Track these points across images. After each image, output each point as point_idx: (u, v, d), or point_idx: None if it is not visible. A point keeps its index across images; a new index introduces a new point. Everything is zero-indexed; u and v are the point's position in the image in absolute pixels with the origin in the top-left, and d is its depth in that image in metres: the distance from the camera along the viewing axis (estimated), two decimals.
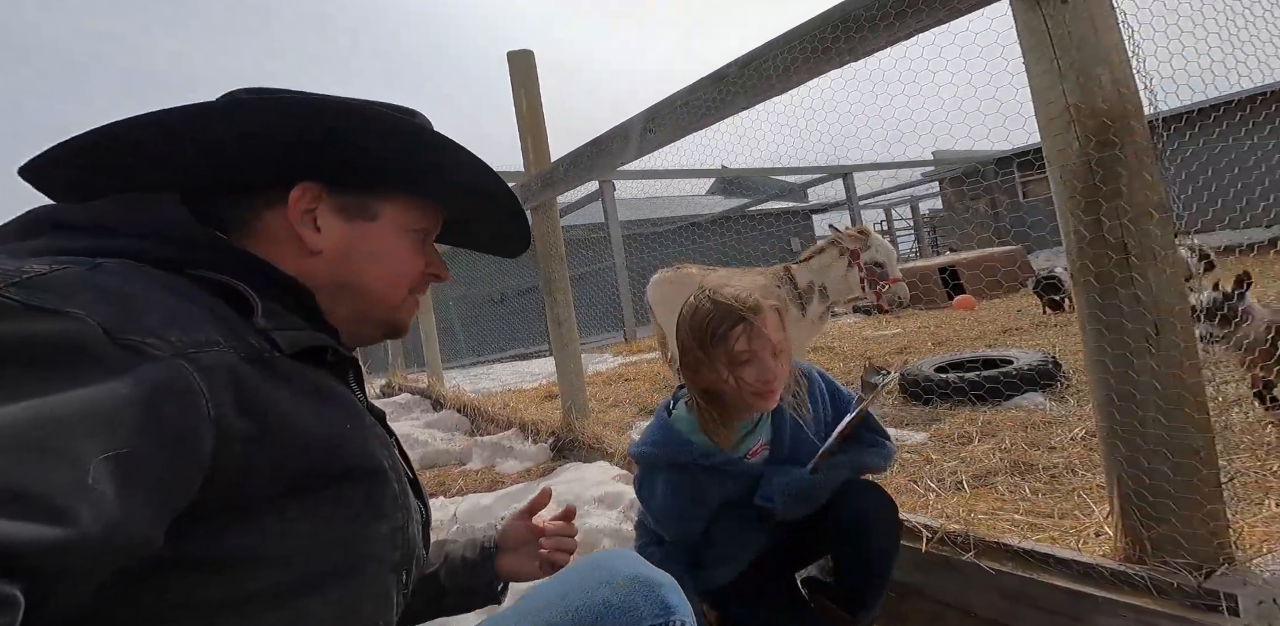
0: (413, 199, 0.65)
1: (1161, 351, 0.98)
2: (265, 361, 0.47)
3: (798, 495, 0.96)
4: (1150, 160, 0.98)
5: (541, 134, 2.76)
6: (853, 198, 10.08)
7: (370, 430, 0.56)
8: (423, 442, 3.13)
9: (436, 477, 2.71)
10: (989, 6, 1.04)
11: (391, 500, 0.55)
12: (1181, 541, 0.99)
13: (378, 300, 0.64)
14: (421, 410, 4.31)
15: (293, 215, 0.58)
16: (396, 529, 0.56)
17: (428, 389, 4.53)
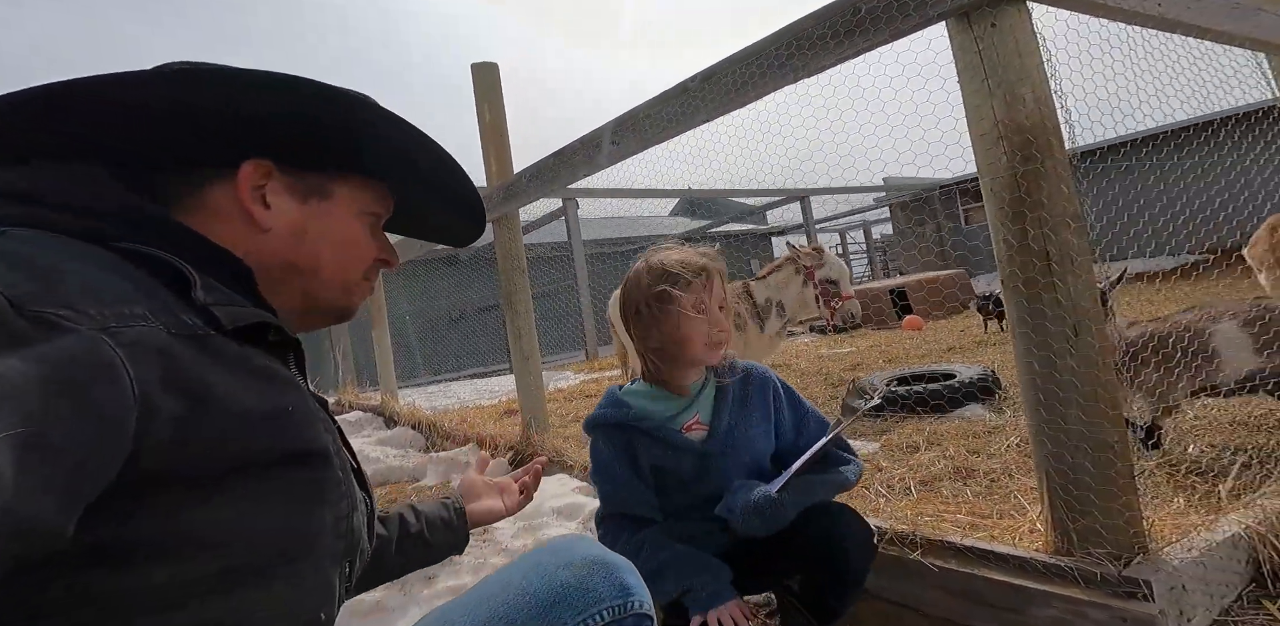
0: (366, 181, 0.64)
1: (1080, 352, 1.05)
2: (200, 338, 0.45)
3: (760, 513, 0.95)
4: (1067, 174, 1.07)
5: (504, 146, 2.78)
6: (809, 220, 10.44)
7: (314, 414, 0.54)
8: (375, 459, 3.02)
9: (388, 495, 2.61)
10: (928, 28, 1.13)
11: (335, 487, 0.53)
12: (1103, 532, 1.05)
13: (330, 282, 0.62)
14: (374, 427, 4.16)
15: (242, 191, 0.56)
16: (340, 517, 0.54)
17: (380, 406, 4.39)
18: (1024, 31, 1.05)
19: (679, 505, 1.08)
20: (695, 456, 1.05)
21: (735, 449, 1.07)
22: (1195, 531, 1.13)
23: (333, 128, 0.58)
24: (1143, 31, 1.35)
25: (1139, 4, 1.18)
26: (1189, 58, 1.54)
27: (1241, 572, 1.12)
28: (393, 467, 2.97)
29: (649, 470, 1.07)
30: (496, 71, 2.77)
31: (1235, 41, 1.50)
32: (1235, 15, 1.43)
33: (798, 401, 1.16)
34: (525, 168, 2.43)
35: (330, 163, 0.61)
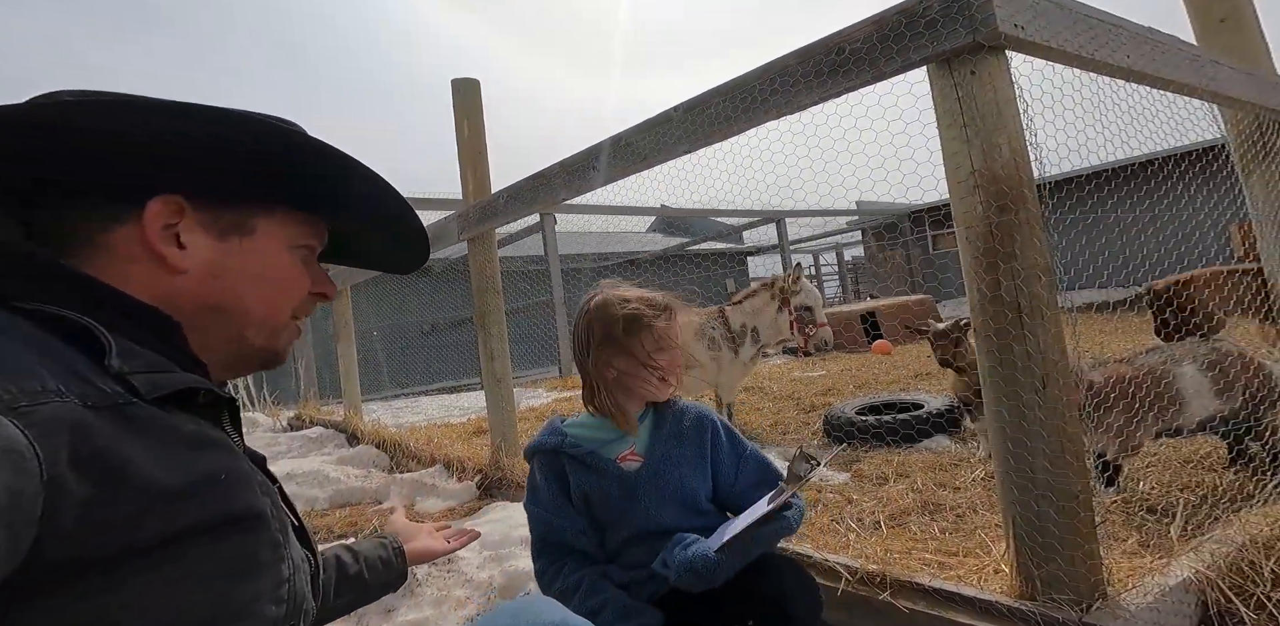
0: (294, 212, 0.61)
1: (1047, 403, 1.07)
2: (118, 408, 0.42)
3: (695, 573, 0.94)
4: (1039, 227, 1.10)
5: (483, 164, 2.76)
6: (785, 241, 10.61)
7: (249, 477, 0.51)
8: (334, 480, 2.90)
9: (348, 517, 2.50)
10: (910, 72, 1.15)
11: (273, 552, 0.50)
12: (1065, 578, 1.07)
13: (256, 324, 0.58)
14: (335, 445, 4.01)
15: (150, 231, 0.52)
16: (280, 582, 0.51)
17: (343, 422, 4.24)
18: (1003, 81, 1.08)
19: (615, 542, 1.07)
20: (625, 485, 1.06)
21: (664, 481, 1.07)
22: (1149, 575, 1.16)
23: (248, 158, 0.54)
24: (1106, 79, 1.41)
25: (1109, 55, 1.23)
26: (1146, 101, 1.62)
27: (1191, 616, 1.15)
28: (354, 488, 2.85)
29: (581, 499, 1.07)
30: (478, 88, 2.76)
31: (1194, 93, 1.57)
32: (1195, 67, 1.50)
33: (737, 441, 1.16)
34: (504, 188, 2.41)
35: (250, 196, 0.58)
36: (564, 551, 1.06)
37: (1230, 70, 1.64)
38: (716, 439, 1.14)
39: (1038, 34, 1.08)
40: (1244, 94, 1.69)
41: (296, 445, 4.03)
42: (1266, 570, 1.20)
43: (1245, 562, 1.21)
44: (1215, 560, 1.20)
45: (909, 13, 1.10)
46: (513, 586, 1.55)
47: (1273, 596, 1.15)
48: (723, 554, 0.95)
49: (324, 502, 2.75)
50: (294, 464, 3.19)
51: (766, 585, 1.00)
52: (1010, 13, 1.03)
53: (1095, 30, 1.21)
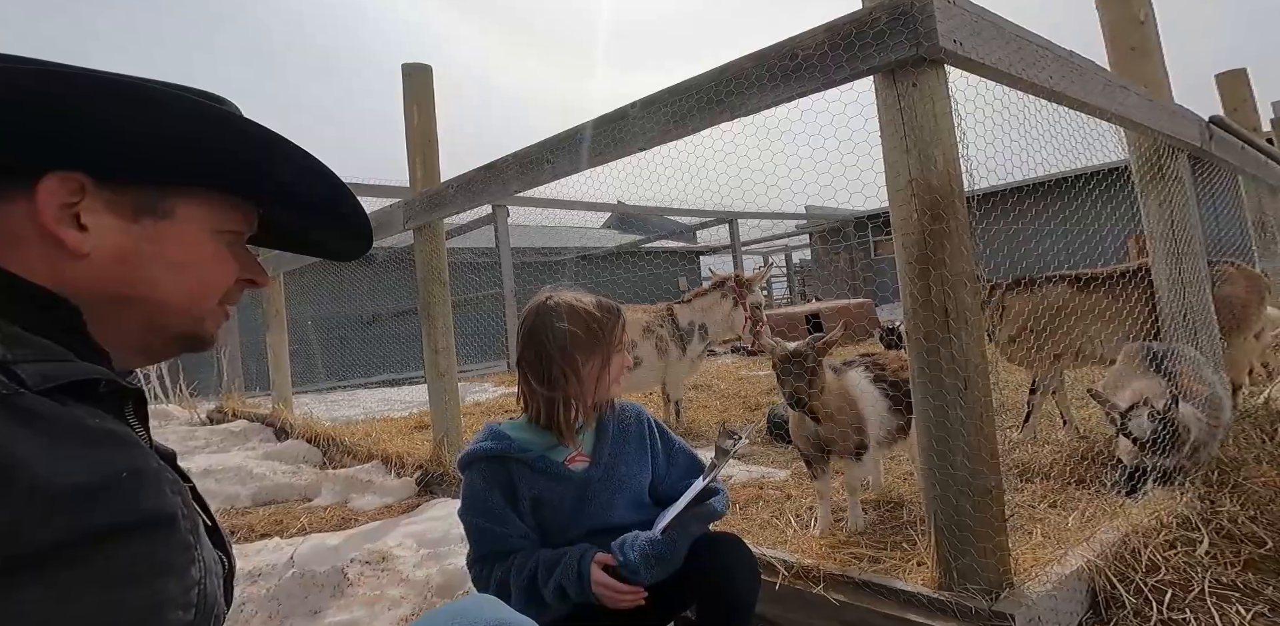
0: (218, 195, 0.56)
1: (968, 404, 1.14)
2: (6, 399, 0.39)
3: (659, 558, 0.98)
4: (968, 236, 1.16)
5: (432, 153, 2.67)
6: (737, 242, 10.79)
7: (158, 474, 0.47)
8: (259, 476, 2.75)
9: (273, 515, 2.38)
10: (858, 81, 1.19)
11: (184, 554, 0.47)
12: (978, 569, 1.15)
13: (176, 312, 0.54)
14: (261, 439, 3.80)
15: (46, 209, 0.47)
16: (190, 586, 0.47)
17: (271, 416, 4.02)
18: (940, 95, 1.13)
19: (562, 541, 1.07)
20: (577, 486, 1.06)
21: (615, 480, 1.09)
22: (1050, 565, 1.25)
23: (166, 136, 0.50)
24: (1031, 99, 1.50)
25: (1036, 75, 1.32)
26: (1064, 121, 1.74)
27: (1083, 601, 1.26)
28: (281, 485, 2.72)
29: (530, 505, 1.05)
30: (430, 73, 2.67)
31: (1105, 116, 1.70)
32: (1108, 92, 1.62)
33: (668, 436, 1.20)
34: (453, 178, 2.34)
35: (167, 176, 0.53)
36: (500, 555, 1.04)
37: (1136, 96, 1.79)
38: (653, 435, 1.17)
39: (974, 50, 1.14)
40: (1146, 119, 1.84)
41: (217, 439, 3.80)
42: (1144, 557, 1.32)
43: (1128, 551, 1.33)
44: (1103, 549, 1.31)
45: (860, 22, 1.14)
46: (451, 585, 1.52)
47: (1148, 581, 1.27)
48: (669, 534, 0.99)
49: (246, 500, 2.61)
50: (213, 459, 3.01)
51: (713, 562, 1.02)
52: (950, 28, 1.08)
53: (1025, 51, 1.29)
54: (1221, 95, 4.11)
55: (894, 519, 1.71)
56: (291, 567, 1.64)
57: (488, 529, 1.04)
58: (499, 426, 1.11)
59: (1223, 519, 1.52)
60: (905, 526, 1.62)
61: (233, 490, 2.64)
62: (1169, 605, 1.23)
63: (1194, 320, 2.11)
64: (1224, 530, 1.49)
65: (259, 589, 1.58)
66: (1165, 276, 2.12)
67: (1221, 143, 2.38)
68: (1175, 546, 1.40)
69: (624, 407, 1.17)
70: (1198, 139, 2.19)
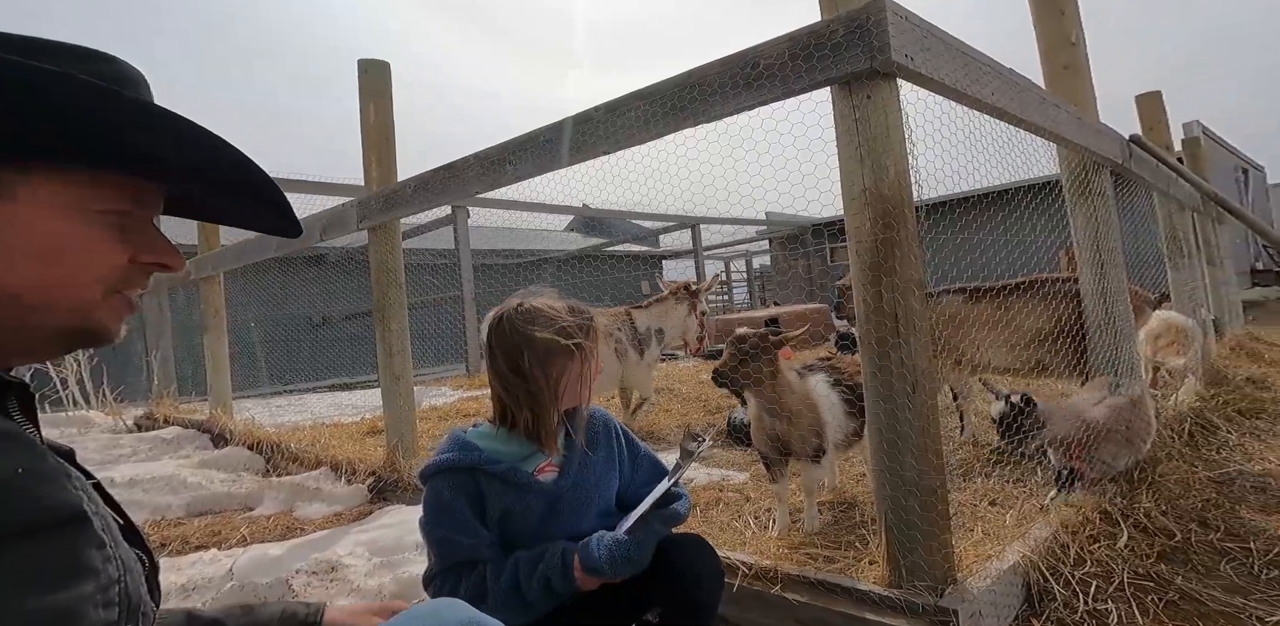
0: (81, 171, 0.49)
1: (916, 407, 1.19)
2: None
3: (624, 558, 0.97)
4: (917, 244, 1.21)
5: (389, 151, 2.61)
6: (699, 247, 10.92)
7: (55, 471, 0.45)
8: (193, 485, 2.60)
9: (209, 526, 2.26)
10: (816, 91, 1.23)
11: (95, 552, 0.45)
12: (925, 567, 1.19)
13: (53, 306, 0.48)
14: (196, 447, 3.59)
15: None
16: (106, 585, 0.45)
17: (208, 421, 3.81)
18: (893, 107, 1.18)
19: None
20: (547, 498, 1.04)
21: (586, 489, 1.07)
22: (989, 561, 1.31)
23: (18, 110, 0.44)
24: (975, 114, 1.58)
25: (980, 91, 1.39)
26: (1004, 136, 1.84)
27: (1019, 595, 1.32)
28: (218, 494, 2.58)
29: (499, 517, 1.03)
30: (388, 70, 2.61)
31: (1040, 132, 1.81)
32: (1041, 107, 1.72)
33: (634, 442, 1.20)
34: (412, 177, 2.29)
35: (16, 153, 0.46)
36: (463, 567, 1.01)
37: (1067, 114, 1.91)
38: (620, 442, 1.17)
39: (924, 65, 1.19)
40: (1076, 136, 1.96)
41: (145, 447, 3.57)
42: (1072, 552, 1.40)
43: (1058, 546, 1.41)
44: (1036, 545, 1.38)
45: (818, 34, 1.18)
46: (406, 594, 1.47)
47: (1076, 574, 1.35)
48: (636, 534, 0.99)
49: (179, 510, 2.46)
50: (141, 468, 2.83)
51: (678, 563, 1.03)
52: (903, 43, 1.13)
53: (970, 67, 1.36)
54: (1140, 115, 4.43)
55: (848, 519, 1.76)
56: (230, 580, 1.56)
57: (454, 540, 1.00)
58: (466, 436, 1.08)
59: (1139, 514, 1.62)
60: (858, 526, 1.67)
61: (163, 500, 2.49)
62: (1094, 596, 1.31)
63: (1117, 328, 2.25)
64: (1141, 525, 1.59)
65: (194, 603, 1.50)
66: (1091, 287, 2.26)
67: (1139, 161, 2.56)
68: (1099, 540, 1.48)
69: (592, 415, 1.16)
70: (1119, 156, 2.35)
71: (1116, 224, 2.28)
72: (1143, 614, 1.27)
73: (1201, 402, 2.70)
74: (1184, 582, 1.38)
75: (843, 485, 2.06)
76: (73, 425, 4.35)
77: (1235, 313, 5.36)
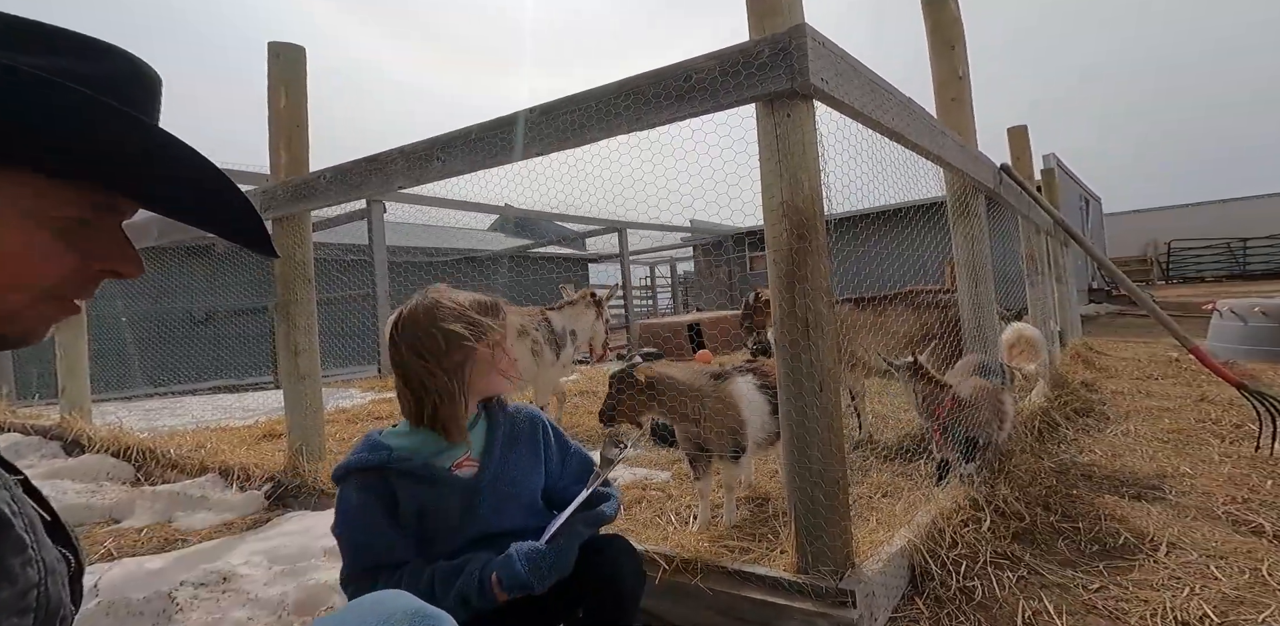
0: (32, 176, 0.47)
1: (822, 404, 1.29)
2: None
3: (549, 568, 0.98)
4: (826, 254, 1.32)
5: (300, 138, 2.46)
6: (625, 251, 11.00)
7: None
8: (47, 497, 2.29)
9: None
10: (743, 107, 1.31)
11: (17, 555, 0.42)
12: (828, 552, 1.30)
13: None
14: (42, 455, 3.13)
15: None
16: (25, 589, 0.43)
17: (57, 427, 3.35)
18: (809, 126, 1.28)
19: (448, 548, 1.03)
20: (463, 493, 1.03)
21: (506, 484, 1.07)
22: (882, 546, 1.44)
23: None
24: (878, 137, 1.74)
25: (883, 116, 1.53)
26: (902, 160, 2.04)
27: (904, 576, 1.47)
28: (73, 506, 2.29)
29: (414, 515, 1.01)
30: (303, 55, 2.47)
31: (930, 156, 2.02)
32: (932, 133, 1.93)
33: (564, 440, 1.21)
34: (328, 167, 2.17)
35: None
36: (379, 570, 0.99)
37: (953, 141, 2.14)
38: (548, 438, 1.17)
39: (837, 90, 1.30)
40: (959, 162, 2.21)
41: None
42: (948, 535, 1.57)
43: (936, 531, 1.57)
44: (919, 530, 1.54)
45: (746, 52, 1.26)
46: (313, 602, 1.39)
47: (950, 555, 1.52)
48: (558, 541, 1.00)
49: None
50: None
51: (601, 564, 1.04)
52: (819, 68, 1.23)
53: (876, 94, 1.50)
54: (1010, 146, 5.05)
55: (762, 512, 1.86)
56: (96, 596, 1.40)
57: (366, 544, 0.98)
58: (378, 436, 1.06)
59: (999, 500, 1.84)
60: (771, 518, 1.77)
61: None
62: (964, 574, 1.47)
63: (985, 334, 2.54)
64: (1000, 509, 1.81)
65: None
66: (967, 298, 2.55)
67: (1008, 187, 2.91)
68: (968, 524, 1.66)
69: (517, 409, 1.16)
70: (993, 182, 2.66)
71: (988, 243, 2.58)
72: (1000, 588, 1.44)
73: (1047, 403, 3.09)
74: (1031, 559, 1.59)
75: (758, 481, 2.17)
76: None
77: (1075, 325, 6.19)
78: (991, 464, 2.10)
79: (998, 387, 2.16)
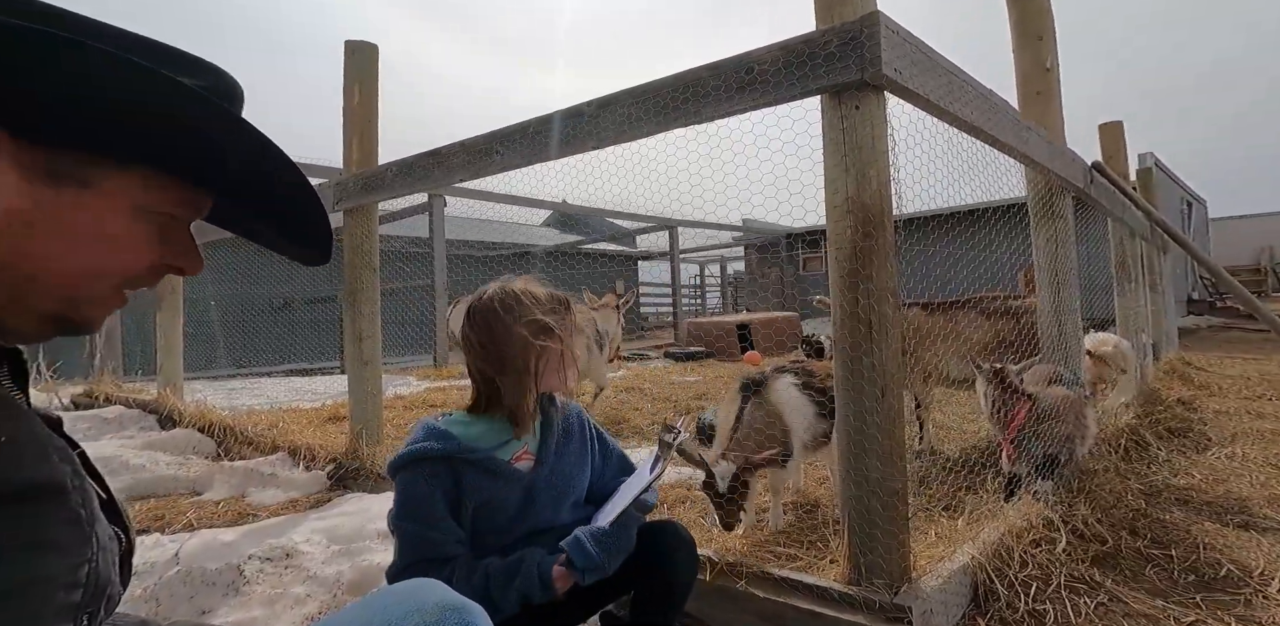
0: (157, 175, 0.51)
1: (884, 411, 1.22)
2: None
3: (617, 547, 0.99)
4: (893, 253, 1.25)
5: (371, 133, 2.56)
6: (675, 250, 10.94)
7: (43, 441, 0.43)
8: (136, 467, 2.50)
9: (153, 510, 2.17)
10: (808, 99, 1.25)
11: (71, 528, 0.43)
12: (883, 565, 1.23)
13: (47, 288, 0.48)
14: (140, 427, 3.44)
15: None
16: (77, 563, 0.44)
17: (155, 402, 3.65)
18: (879, 119, 1.21)
19: (500, 543, 1.04)
20: (523, 487, 1.04)
21: (559, 480, 1.08)
22: (941, 561, 1.37)
23: (113, 102, 0.45)
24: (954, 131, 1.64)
25: (960, 109, 1.44)
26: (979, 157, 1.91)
27: (966, 594, 1.38)
28: (163, 477, 2.48)
29: (474, 508, 1.01)
30: (375, 52, 2.57)
31: (1012, 153, 1.89)
32: (1015, 128, 1.80)
33: (604, 436, 1.21)
34: (394, 161, 2.25)
35: (102, 147, 0.48)
36: (431, 564, 0.99)
37: (1038, 137, 1.99)
38: (593, 434, 1.18)
39: (911, 80, 1.23)
40: (1044, 159, 2.05)
41: (84, 426, 3.41)
42: (1016, 555, 1.47)
43: (1004, 549, 1.47)
44: (984, 548, 1.45)
45: (812, 43, 1.20)
46: (365, 582, 1.44)
47: (1019, 576, 1.42)
48: (619, 522, 1.01)
49: (120, 493, 2.35)
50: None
51: (653, 548, 1.05)
52: (892, 57, 1.16)
53: (953, 85, 1.41)
54: (1102, 143, 4.66)
55: (811, 519, 1.80)
56: (176, 565, 1.50)
57: (425, 536, 0.98)
58: (438, 424, 1.05)
59: (1077, 521, 1.71)
60: (820, 526, 1.71)
61: None
62: (1034, 597, 1.37)
63: (1066, 344, 2.36)
64: (1078, 531, 1.68)
65: (135, 588, 1.44)
66: (1047, 305, 2.37)
67: (1099, 187, 2.69)
68: (1040, 545, 1.56)
69: (567, 406, 1.16)
70: (1082, 182, 2.46)
71: (1074, 246, 2.39)
72: (1076, 614, 1.34)
73: (1136, 420, 2.85)
74: (1113, 585, 1.46)
75: (806, 487, 2.10)
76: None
77: (1171, 338, 5.67)
78: (1070, 482, 1.96)
79: (1081, 400, 2.01)
